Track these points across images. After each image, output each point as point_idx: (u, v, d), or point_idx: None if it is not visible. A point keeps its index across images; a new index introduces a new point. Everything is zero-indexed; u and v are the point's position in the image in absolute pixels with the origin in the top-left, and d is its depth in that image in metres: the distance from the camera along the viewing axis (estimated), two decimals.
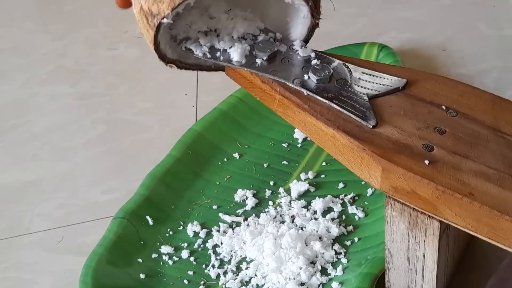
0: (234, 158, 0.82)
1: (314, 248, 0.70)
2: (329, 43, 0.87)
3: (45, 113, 0.98)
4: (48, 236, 0.80)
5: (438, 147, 0.54)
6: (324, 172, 0.79)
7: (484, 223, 0.51)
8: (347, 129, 0.55)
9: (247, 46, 0.61)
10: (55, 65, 1.06)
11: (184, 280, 0.71)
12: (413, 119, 0.56)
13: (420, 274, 0.60)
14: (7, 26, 1.17)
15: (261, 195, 0.78)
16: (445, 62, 0.93)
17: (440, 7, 1.02)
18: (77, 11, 1.16)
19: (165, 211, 0.77)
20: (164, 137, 0.89)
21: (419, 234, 0.56)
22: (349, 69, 0.60)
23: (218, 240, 0.74)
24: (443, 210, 0.52)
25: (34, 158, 0.91)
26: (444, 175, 0.52)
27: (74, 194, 0.85)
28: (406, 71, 0.61)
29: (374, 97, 0.58)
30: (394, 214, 0.57)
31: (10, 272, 0.77)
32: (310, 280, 0.68)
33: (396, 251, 0.60)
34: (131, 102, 0.96)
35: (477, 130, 0.56)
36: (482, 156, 0.54)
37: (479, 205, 0.50)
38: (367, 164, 0.54)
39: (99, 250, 0.71)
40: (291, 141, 0.83)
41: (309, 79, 0.59)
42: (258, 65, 0.61)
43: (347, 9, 1.03)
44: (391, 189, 0.54)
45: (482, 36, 0.96)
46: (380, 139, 0.55)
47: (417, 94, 0.58)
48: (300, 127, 0.59)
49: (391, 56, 0.86)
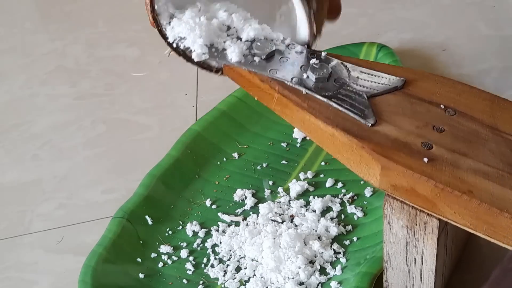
0: (233, 158, 0.82)
1: (313, 247, 0.70)
2: (329, 43, 0.87)
3: (45, 113, 0.98)
4: (48, 236, 0.80)
5: (437, 145, 0.54)
6: (323, 172, 0.79)
7: (483, 221, 0.51)
8: (346, 127, 0.55)
9: (245, 45, 0.61)
10: (55, 65, 1.06)
11: (183, 279, 0.71)
12: (411, 118, 0.56)
13: (419, 273, 0.60)
14: (7, 26, 1.17)
15: (260, 195, 0.78)
16: (445, 62, 0.93)
17: (440, 7, 1.02)
18: (77, 11, 1.16)
19: (165, 210, 0.77)
20: (164, 137, 0.89)
21: (418, 233, 0.57)
22: (348, 68, 0.60)
23: (217, 240, 0.74)
24: (442, 208, 0.52)
25: (34, 158, 0.91)
26: (443, 173, 0.52)
27: (74, 194, 0.85)
28: (404, 70, 0.61)
29: (372, 96, 0.58)
30: (393, 212, 0.57)
31: (10, 272, 0.77)
32: (309, 280, 0.68)
33: (394, 250, 0.60)
34: (131, 102, 0.96)
35: (475, 128, 0.56)
36: (480, 154, 0.54)
37: (478, 202, 0.50)
38: (366, 162, 0.54)
39: (98, 249, 0.71)
40: (290, 140, 0.83)
41: (307, 78, 0.59)
42: (257, 64, 0.61)
43: (347, 9, 1.02)
44: (390, 187, 0.54)
45: (482, 36, 0.96)
46: (379, 137, 0.55)
47: (416, 93, 0.58)
48: (298, 125, 0.59)
49: (390, 56, 0.86)
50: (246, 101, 0.84)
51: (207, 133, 0.83)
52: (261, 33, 0.61)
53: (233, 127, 0.84)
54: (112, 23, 1.11)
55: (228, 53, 0.61)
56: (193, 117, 0.91)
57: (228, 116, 0.84)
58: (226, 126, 0.84)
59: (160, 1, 0.63)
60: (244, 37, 0.61)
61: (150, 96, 0.97)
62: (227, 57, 0.61)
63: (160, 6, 0.63)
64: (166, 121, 0.92)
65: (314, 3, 0.60)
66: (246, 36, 0.61)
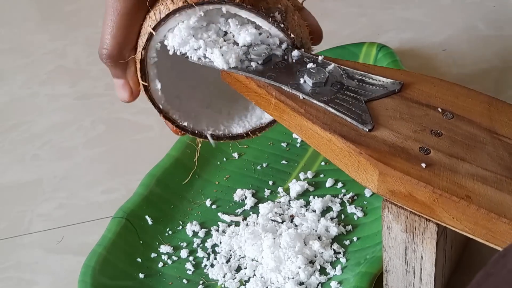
0: (233, 158, 0.82)
1: (313, 247, 0.70)
2: (329, 43, 0.86)
3: (45, 113, 0.98)
4: (48, 236, 0.80)
5: (435, 150, 0.54)
6: (323, 172, 0.79)
7: (482, 226, 0.51)
8: (343, 133, 0.55)
9: (241, 50, 0.61)
10: (55, 65, 1.06)
11: (183, 279, 0.71)
12: (409, 122, 0.56)
13: (418, 277, 0.60)
14: (7, 26, 1.17)
15: (260, 195, 0.78)
16: (445, 62, 0.93)
17: (440, 7, 1.02)
18: (77, 11, 1.16)
19: (164, 210, 0.77)
20: (164, 137, 0.89)
21: (417, 237, 0.56)
22: (345, 72, 0.60)
23: (217, 240, 0.74)
24: (440, 213, 0.52)
25: (34, 158, 0.91)
26: (441, 178, 0.52)
27: (74, 194, 0.85)
28: (401, 73, 0.61)
29: (370, 100, 0.58)
30: (392, 217, 0.57)
31: (10, 272, 0.77)
32: (309, 280, 0.68)
33: (393, 254, 0.60)
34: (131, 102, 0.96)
35: (473, 132, 0.55)
36: (478, 158, 0.54)
37: (476, 207, 0.50)
38: (364, 168, 0.54)
39: (98, 249, 0.71)
40: (290, 140, 0.83)
41: (304, 82, 0.59)
42: (253, 69, 0.60)
43: (347, 9, 1.03)
44: (388, 193, 0.54)
45: (482, 36, 0.96)
46: (376, 142, 0.55)
47: (413, 97, 0.58)
48: (296, 131, 0.58)
49: (390, 56, 0.86)
50: None
51: None
52: (258, 38, 0.61)
53: None
54: None
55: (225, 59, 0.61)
56: None
57: None
58: None
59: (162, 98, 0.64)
60: (241, 42, 0.61)
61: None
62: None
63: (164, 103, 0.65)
64: None
65: (275, 12, 0.60)
66: (243, 41, 0.61)
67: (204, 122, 0.68)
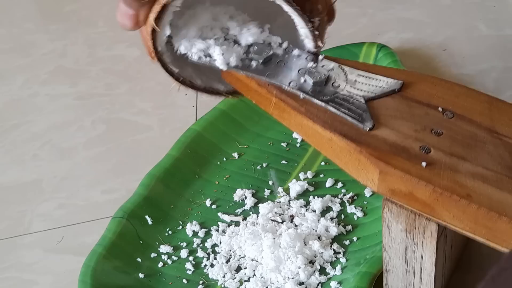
0: (233, 158, 0.82)
1: (313, 247, 0.70)
2: (329, 43, 0.86)
3: (45, 113, 0.98)
4: (48, 236, 0.80)
5: (435, 149, 0.54)
6: (323, 172, 0.79)
7: (482, 225, 0.50)
8: (344, 132, 0.55)
9: (242, 49, 0.61)
10: (55, 65, 1.06)
11: (183, 279, 0.71)
12: (409, 121, 0.56)
13: (418, 277, 0.60)
14: (7, 26, 1.17)
15: (260, 195, 0.78)
16: (445, 62, 0.93)
17: (440, 7, 1.02)
18: (77, 11, 1.16)
19: (164, 210, 0.77)
20: (164, 137, 0.89)
21: (417, 236, 0.56)
22: (345, 71, 0.60)
23: (217, 240, 0.74)
24: (440, 212, 0.52)
25: (34, 158, 0.91)
26: (441, 177, 0.52)
27: (74, 194, 0.85)
28: (402, 73, 0.61)
29: (370, 99, 0.58)
30: (392, 216, 0.57)
31: (10, 272, 0.77)
32: (309, 280, 0.68)
33: (393, 254, 0.60)
34: (131, 102, 0.96)
35: (474, 131, 0.55)
36: (479, 157, 0.53)
37: (477, 206, 0.50)
38: (364, 167, 0.54)
39: (98, 249, 0.71)
40: (290, 140, 0.83)
41: (305, 82, 0.59)
42: (254, 68, 0.60)
43: (347, 9, 1.03)
44: (388, 192, 0.54)
45: (482, 36, 0.96)
46: (377, 141, 0.54)
47: (413, 96, 0.58)
48: (296, 130, 0.58)
49: (390, 56, 0.86)
50: (246, 101, 0.83)
51: (207, 133, 0.83)
52: (259, 37, 0.61)
53: (233, 127, 0.84)
54: (112, 23, 1.10)
55: (225, 58, 0.60)
56: (193, 117, 0.91)
57: (228, 116, 0.84)
58: (226, 126, 0.84)
59: (162, 41, 0.62)
60: (242, 41, 0.61)
61: (150, 96, 0.97)
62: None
63: (163, 45, 0.63)
64: (166, 121, 0.92)
65: (316, 18, 0.60)
66: (245, 41, 0.61)
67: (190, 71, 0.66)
